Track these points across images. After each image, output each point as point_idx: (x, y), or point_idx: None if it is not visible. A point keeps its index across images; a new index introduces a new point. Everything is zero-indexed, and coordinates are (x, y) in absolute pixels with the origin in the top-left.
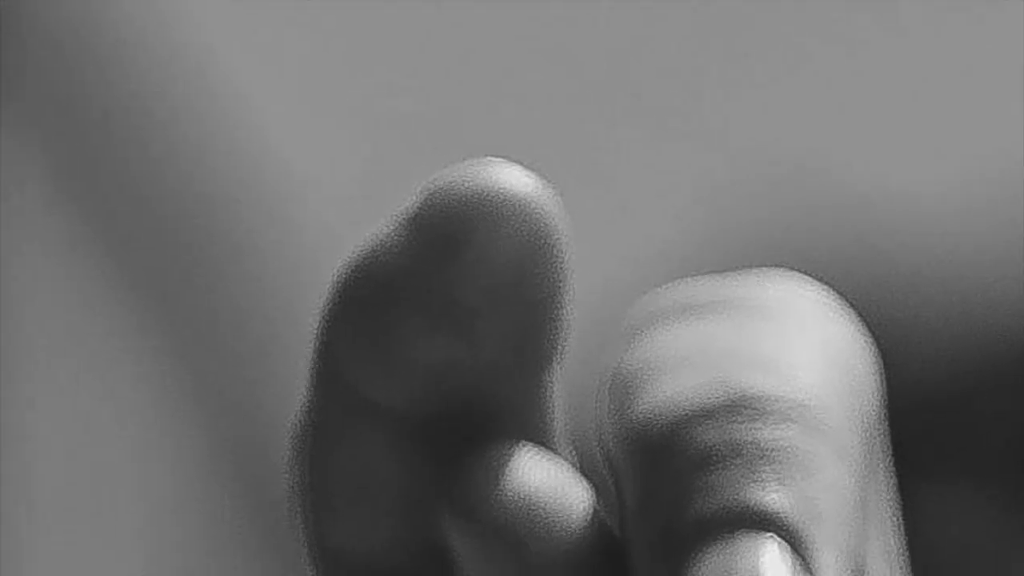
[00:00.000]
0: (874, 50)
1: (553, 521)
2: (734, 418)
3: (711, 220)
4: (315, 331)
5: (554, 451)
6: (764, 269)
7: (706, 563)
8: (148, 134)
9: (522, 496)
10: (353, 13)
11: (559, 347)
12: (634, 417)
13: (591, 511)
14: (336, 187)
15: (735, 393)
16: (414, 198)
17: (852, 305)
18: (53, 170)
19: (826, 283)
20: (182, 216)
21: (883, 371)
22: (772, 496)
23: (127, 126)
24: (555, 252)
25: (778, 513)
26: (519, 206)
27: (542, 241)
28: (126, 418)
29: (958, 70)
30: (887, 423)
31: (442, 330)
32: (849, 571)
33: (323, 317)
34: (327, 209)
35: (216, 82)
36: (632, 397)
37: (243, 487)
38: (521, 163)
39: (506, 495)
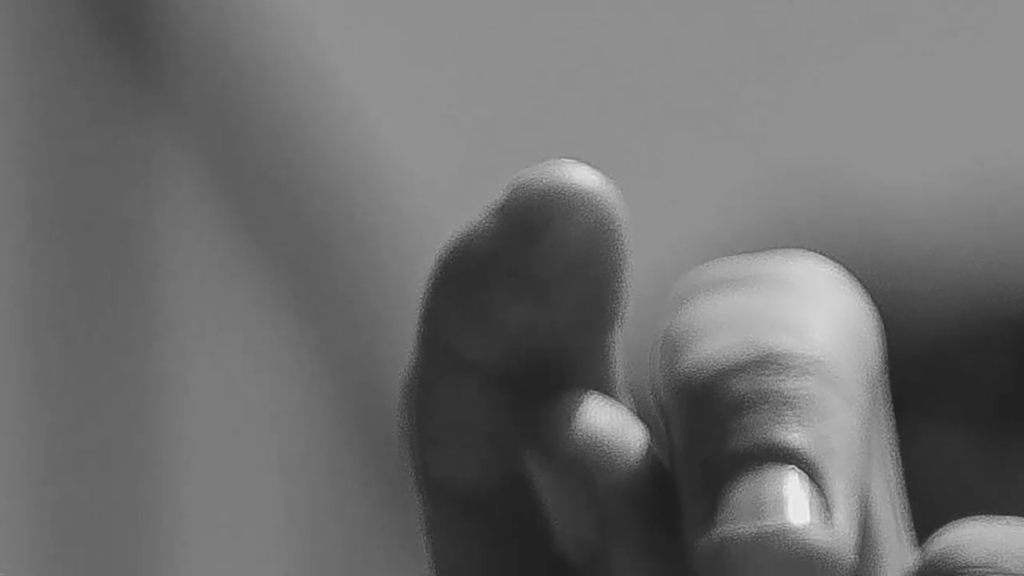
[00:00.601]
0: (889, 66)
1: (615, 455)
2: (762, 372)
3: (745, 211)
4: (420, 301)
5: (616, 399)
6: (787, 250)
7: (740, 490)
8: (285, 135)
9: (589, 435)
10: (459, 38)
11: (620, 313)
12: (681, 371)
13: (646, 448)
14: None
15: (763, 351)
16: (502, 192)
17: (859, 280)
18: (204, 165)
19: (838, 263)
20: (313, 204)
21: (883, 333)
22: (793, 436)
23: (267, 128)
24: (616, 236)
25: (798, 449)
26: (587, 198)
27: (606, 227)
28: (267, 371)
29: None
30: (887, 376)
31: (524, 300)
32: (855, 497)
33: (427, 290)
34: (432, 201)
35: (342, 94)
36: (679, 355)
37: (363, 429)
38: (588, 163)
39: (576, 434)
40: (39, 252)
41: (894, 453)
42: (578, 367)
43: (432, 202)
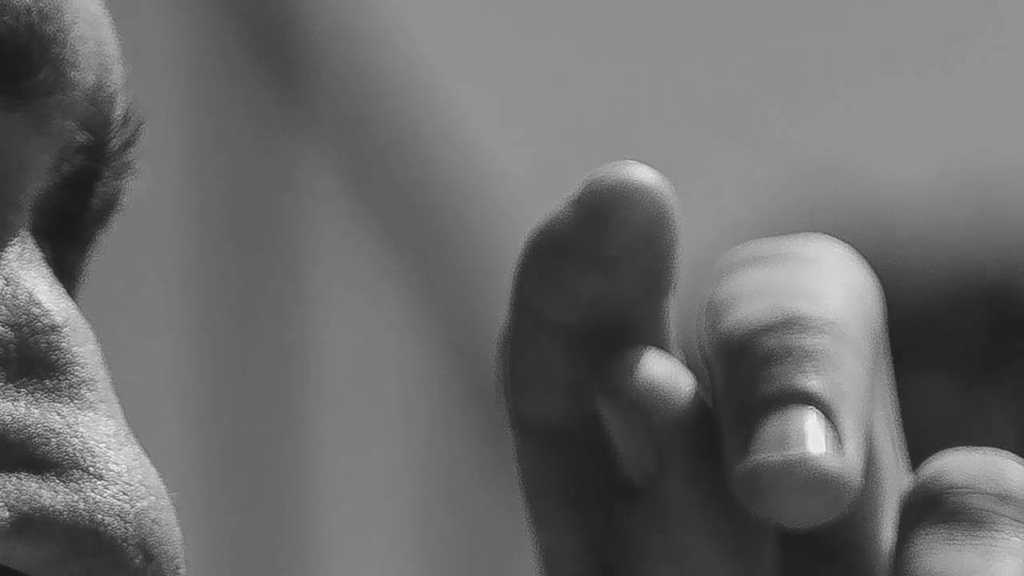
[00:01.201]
0: (891, 88)
1: (669, 398)
2: (786, 331)
3: (772, 202)
4: (513, 275)
5: (670, 352)
6: (807, 233)
7: (770, 426)
8: (406, 144)
9: (648, 381)
10: (544, 72)
11: (673, 284)
12: (722, 330)
13: (694, 392)
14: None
15: (787, 314)
16: (578, 186)
17: (864, 257)
18: (340, 167)
19: (847, 243)
20: (429, 199)
21: (883, 300)
22: (812, 382)
23: (391, 139)
24: (669, 222)
25: (815, 393)
26: (645, 192)
27: (661, 214)
28: (393, 331)
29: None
30: (887, 334)
31: (595, 273)
32: (862, 432)
33: (518, 265)
34: (522, 195)
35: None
36: (721, 317)
37: (468, 376)
38: (646, 163)
39: (638, 380)
40: (211, 237)
41: (893, 397)
42: (639, 327)
43: (522, 196)
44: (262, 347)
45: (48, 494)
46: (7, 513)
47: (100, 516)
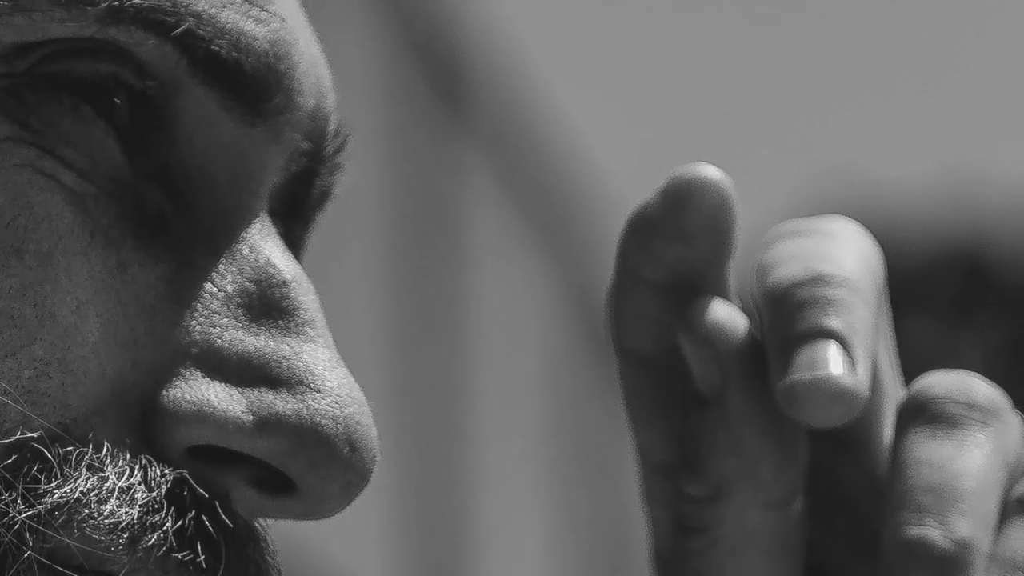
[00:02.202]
0: (894, 99)
1: (730, 333)
2: (815, 285)
3: (802, 192)
4: (617, 244)
5: (730, 300)
6: (828, 215)
7: (803, 354)
8: (543, 149)
9: (715, 321)
10: (639, 94)
11: (733, 251)
12: (768, 285)
13: (748, 328)
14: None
15: (815, 273)
16: (664, 180)
17: (869, 230)
18: (494, 168)
19: (857, 221)
20: (557, 189)
21: (884, 262)
22: (833, 322)
23: (532, 146)
24: (730, 206)
25: (836, 330)
26: (713, 184)
27: (724, 201)
28: (533, 287)
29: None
30: (887, 287)
31: (677, 243)
32: (869, 358)
33: (621, 237)
34: (624, 186)
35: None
36: (767, 275)
37: (587, 319)
38: (713, 163)
39: (708, 320)
40: (398, 217)
41: (891, 333)
42: (708, 282)
43: (624, 186)
44: (435, 297)
45: (281, 403)
46: (251, 417)
47: (318, 419)
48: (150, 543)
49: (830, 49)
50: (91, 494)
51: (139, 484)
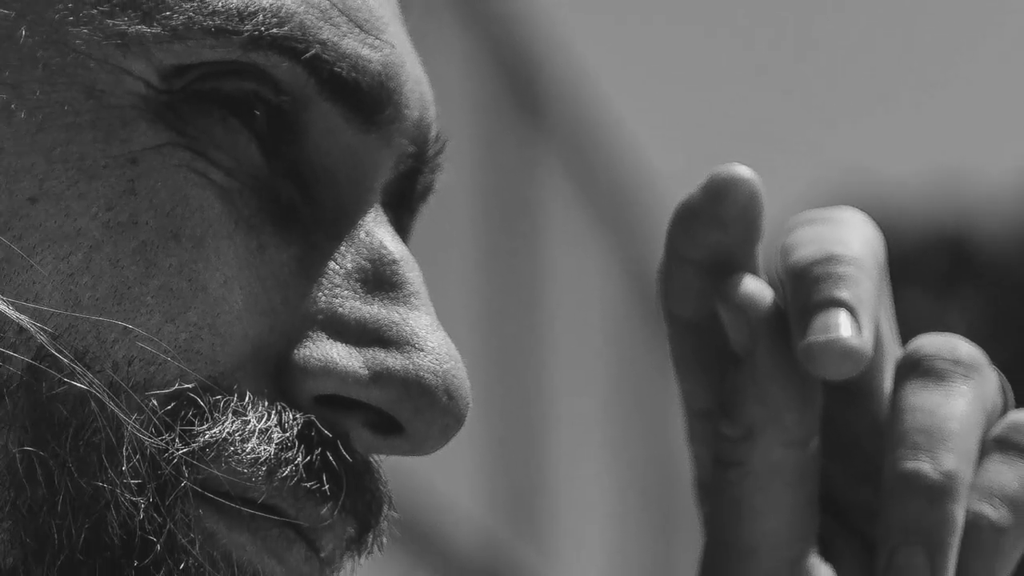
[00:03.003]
0: (900, 106)
1: (759, 301)
2: (828, 264)
3: (816, 187)
4: (667, 230)
5: (759, 276)
6: (839, 206)
7: (819, 319)
8: (608, 152)
9: (747, 291)
10: (684, 104)
11: (761, 236)
12: (790, 263)
13: (773, 298)
14: (675, 173)
15: (828, 254)
16: (704, 178)
17: (872, 219)
18: (566, 168)
19: (863, 211)
20: (617, 188)
21: (884, 245)
22: (843, 294)
23: (599, 149)
24: (759, 199)
25: (846, 300)
26: (745, 181)
27: (754, 194)
28: (599, 268)
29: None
30: (887, 265)
31: (715, 229)
32: (873, 324)
33: (669, 224)
34: (672, 182)
35: (632, 133)
36: (789, 255)
37: (642, 289)
38: (745, 163)
39: (741, 290)
40: (485, 208)
41: (891, 304)
42: (742, 261)
43: (671, 183)
44: (518, 274)
45: (391, 360)
46: (367, 371)
47: (422, 373)
48: (284, 475)
49: (838, 69)
50: (236, 435)
51: (275, 426)
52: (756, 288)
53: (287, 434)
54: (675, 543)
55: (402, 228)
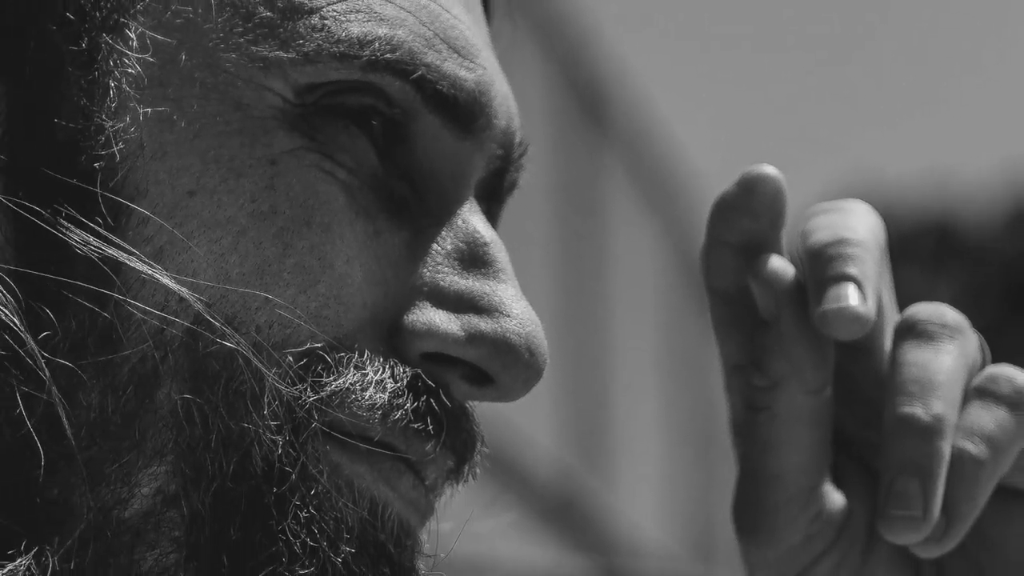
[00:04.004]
0: (914, 112)
1: (782, 275)
2: (839, 246)
3: (829, 186)
4: (708, 217)
5: (783, 255)
6: (847, 198)
7: (831, 291)
8: (661, 155)
9: (773, 267)
10: (722, 114)
11: (785, 222)
12: (808, 244)
13: (795, 273)
14: (715, 171)
15: (839, 237)
16: (739, 175)
17: (875, 208)
18: (627, 171)
19: (867, 203)
20: (671, 183)
21: (885, 230)
22: (852, 270)
23: (652, 152)
24: (783, 193)
25: (854, 275)
26: (772, 178)
27: (779, 189)
28: (652, 249)
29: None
30: (887, 247)
31: (745, 217)
32: (875, 294)
33: (710, 213)
34: (713, 179)
35: (682, 138)
36: (808, 237)
37: (688, 265)
38: (771, 163)
39: (768, 267)
40: (558, 202)
41: (890, 278)
42: (769, 243)
43: (712, 179)
44: (586, 254)
45: (483, 324)
46: (463, 334)
47: (508, 335)
48: (396, 417)
49: (848, 87)
50: (356, 385)
51: (388, 378)
52: (780, 265)
53: (398, 384)
54: (714, 473)
55: (492, 217)
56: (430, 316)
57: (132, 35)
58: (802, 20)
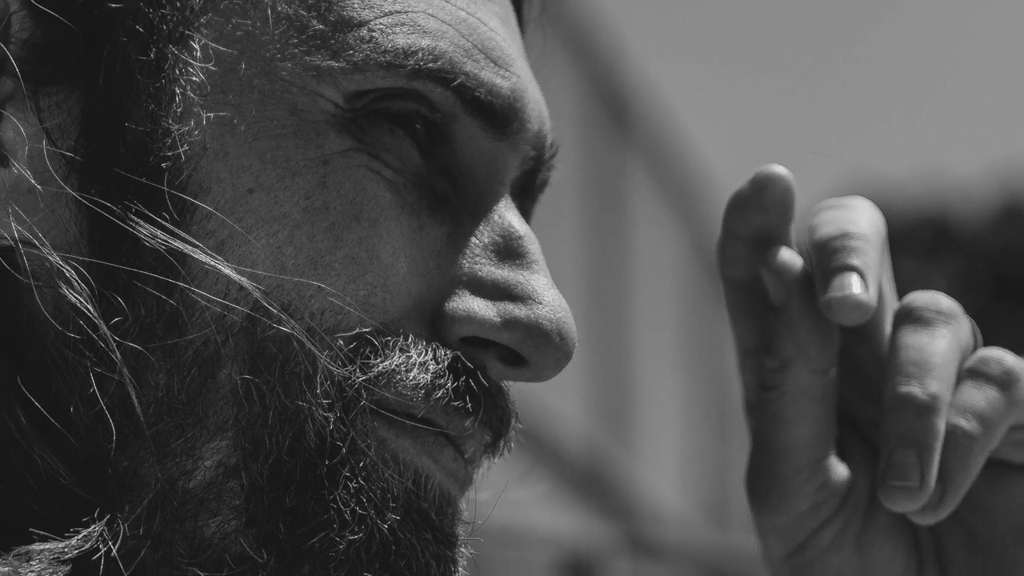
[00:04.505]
0: (915, 116)
1: (791, 266)
2: (843, 239)
3: (834, 184)
4: (723, 212)
5: (792, 247)
6: (850, 195)
7: (836, 280)
8: (681, 155)
9: (782, 259)
10: (741, 121)
11: (793, 217)
12: (815, 237)
13: (802, 264)
14: (731, 170)
15: (843, 231)
16: (751, 174)
17: (875, 204)
18: (648, 170)
19: (868, 199)
20: (688, 183)
21: (885, 224)
22: (855, 261)
23: (675, 152)
24: (791, 190)
25: (857, 266)
26: (781, 177)
27: (788, 186)
28: (673, 241)
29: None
30: (887, 239)
31: (759, 213)
32: (877, 282)
33: (726, 208)
34: (730, 177)
35: (700, 139)
36: (815, 232)
37: (704, 254)
38: (781, 164)
39: (779, 259)
40: (586, 204)
41: (890, 268)
42: (779, 236)
43: (726, 178)
44: (610, 245)
45: (517, 311)
46: (499, 319)
47: (541, 321)
48: (437, 396)
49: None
50: (401, 366)
51: (431, 360)
52: (789, 256)
53: (440, 366)
54: (729, 445)
55: (525, 212)
56: (469, 303)
57: (196, 46)
58: (806, 38)
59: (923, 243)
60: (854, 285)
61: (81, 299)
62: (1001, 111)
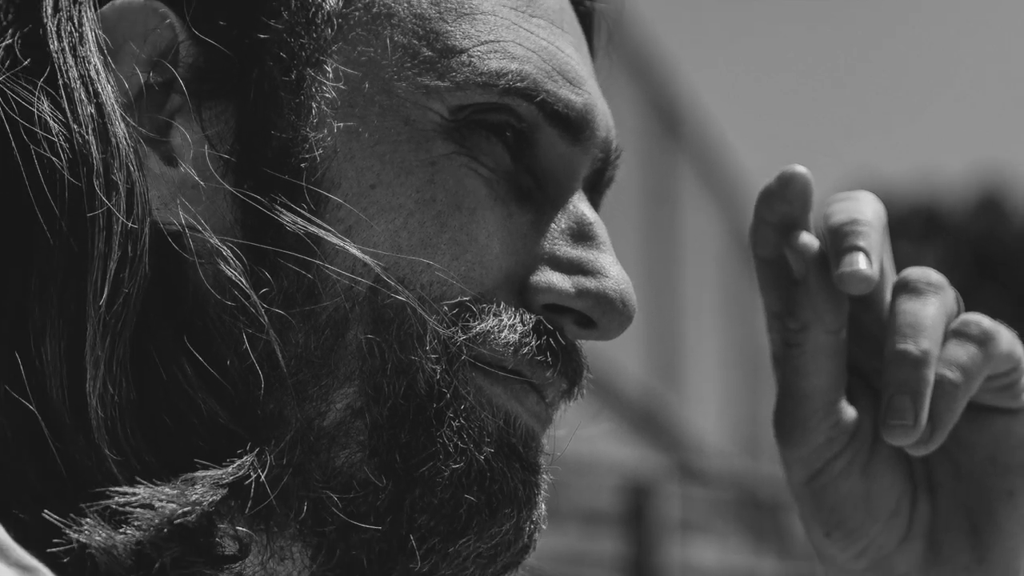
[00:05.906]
0: (918, 116)
1: (810, 245)
2: (853, 225)
3: (843, 180)
4: (755, 205)
5: (811, 232)
6: (857, 190)
7: (846, 258)
8: (721, 157)
9: (804, 241)
10: (767, 125)
11: (812, 206)
12: (828, 223)
13: (819, 245)
14: (761, 168)
15: (852, 219)
16: (778, 172)
17: (878, 197)
18: (695, 171)
19: (871, 192)
20: (728, 181)
21: (886, 212)
22: (861, 242)
23: (715, 155)
24: (810, 185)
25: (863, 247)
26: (802, 175)
27: (807, 183)
28: (713, 230)
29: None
30: (887, 226)
31: (784, 204)
32: (879, 260)
33: (757, 201)
34: (760, 176)
35: (739, 146)
36: (828, 219)
37: (739, 239)
38: (801, 163)
39: (801, 241)
40: (644, 199)
41: (890, 249)
42: (800, 223)
43: (758, 175)
44: (664, 233)
45: (589, 283)
46: (574, 290)
47: (608, 291)
48: (524, 352)
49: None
50: (495, 328)
51: (518, 323)
52: (808, 239)
53: (526, 327)
54: (759, 391)
55: (595, 204)
56: (549, 277)
57: (329, 69)
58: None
59: (916, 229)
60: (861, 262)
61: (236, 274)
62: (981, 120)
